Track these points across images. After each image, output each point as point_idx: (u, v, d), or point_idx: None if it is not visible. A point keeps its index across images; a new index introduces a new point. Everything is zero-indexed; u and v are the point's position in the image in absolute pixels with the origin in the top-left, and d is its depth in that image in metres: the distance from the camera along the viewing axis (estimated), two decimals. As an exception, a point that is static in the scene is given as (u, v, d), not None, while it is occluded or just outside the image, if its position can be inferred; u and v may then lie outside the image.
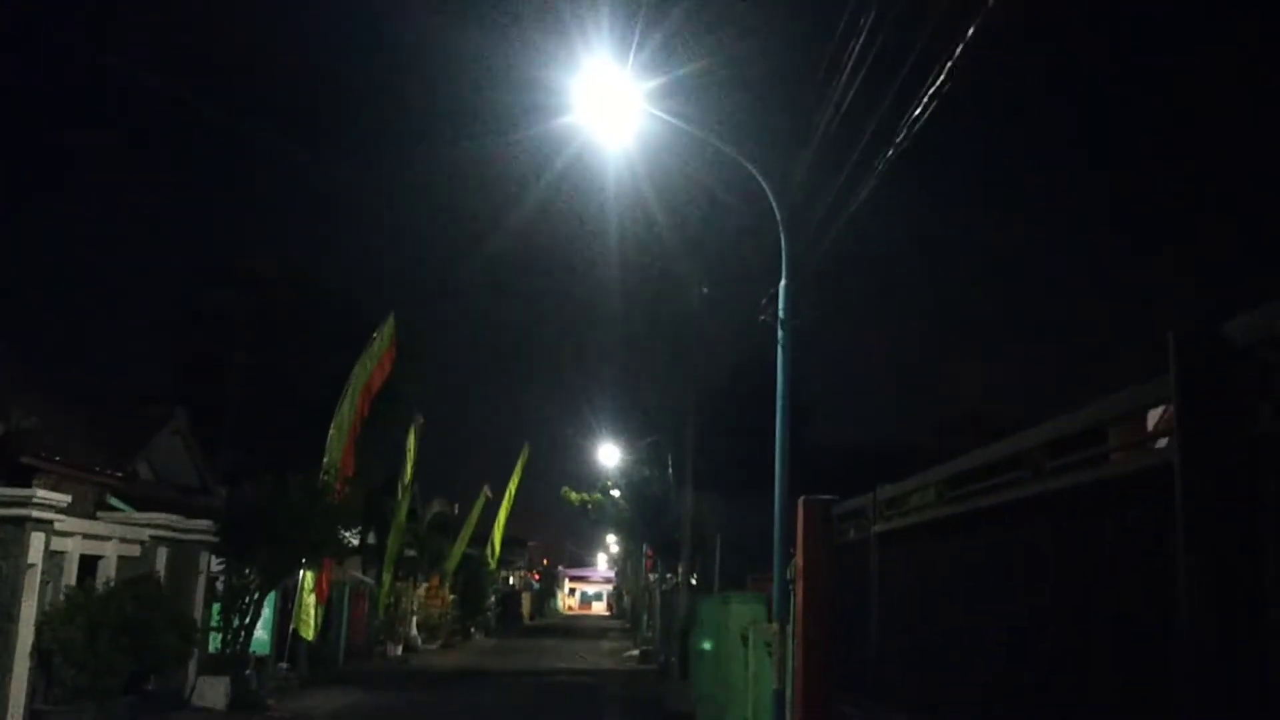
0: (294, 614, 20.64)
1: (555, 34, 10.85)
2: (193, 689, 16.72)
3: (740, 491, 25.55)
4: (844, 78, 8.12)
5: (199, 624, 16.69)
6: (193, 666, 16.72)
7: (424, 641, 32.52)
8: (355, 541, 25.12)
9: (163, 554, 16.43)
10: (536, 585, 73.41)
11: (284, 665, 20.54)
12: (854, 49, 7.54)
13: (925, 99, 6.95)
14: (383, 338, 22.14)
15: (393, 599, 29.08)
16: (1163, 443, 3.19)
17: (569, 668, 28.29)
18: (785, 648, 9.60)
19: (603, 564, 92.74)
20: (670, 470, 26.07)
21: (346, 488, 19.98)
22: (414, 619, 32.11)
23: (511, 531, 48.71)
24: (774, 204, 10.33)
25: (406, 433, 29.11)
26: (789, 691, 9.40)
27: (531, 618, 63.53)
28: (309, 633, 20.47)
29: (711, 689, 16.53)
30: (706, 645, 16.90)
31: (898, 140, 7.58)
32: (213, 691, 16.73)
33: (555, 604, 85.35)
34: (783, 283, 10.27)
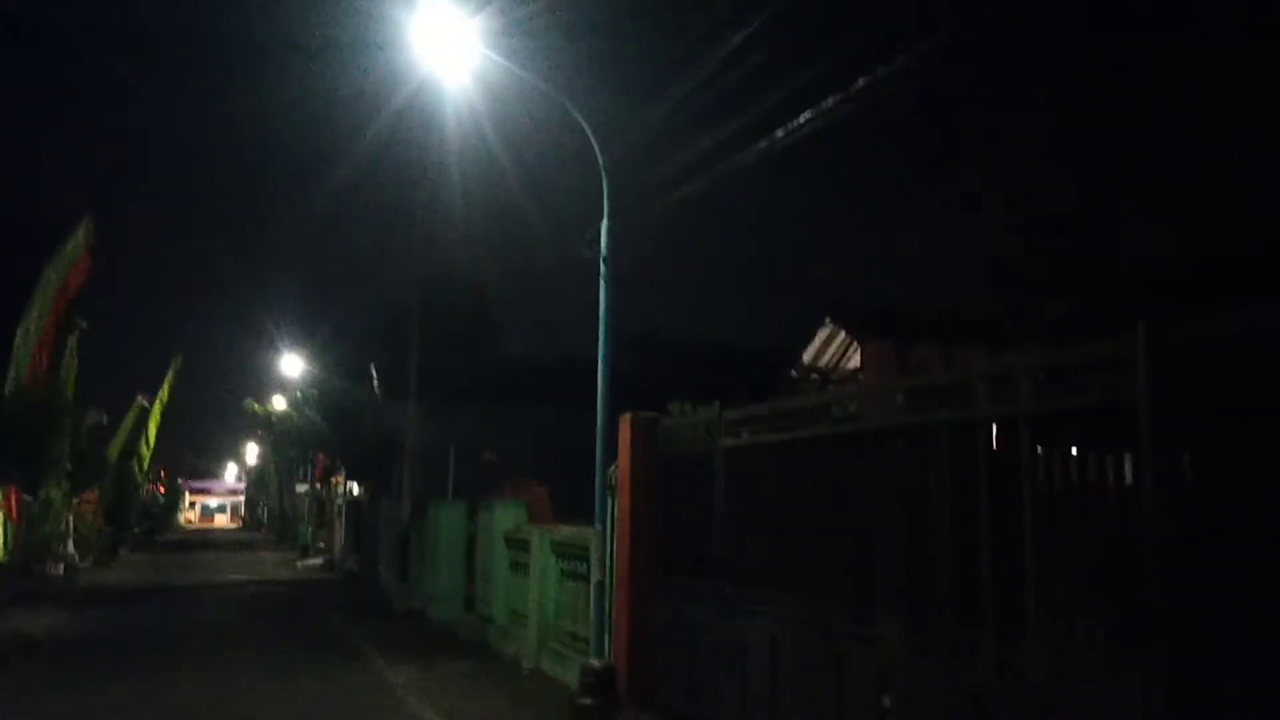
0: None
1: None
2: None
3: (440, 404, 26.44)
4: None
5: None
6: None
7: (79, 559, 30.60)
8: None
9: None
10: (162, 499, 69.54)
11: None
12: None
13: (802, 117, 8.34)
14: (78, 242, 20.63)
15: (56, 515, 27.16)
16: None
17: (255, 579, 27.97)
18: (604, 547, 10.98)
19: (230, 476, 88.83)
20: (374, 382, 26.31)
21: (46, 397, 18.71)
22: (71, 536, 30.10)
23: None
24: (597, 148, 11.46)
25: (68, 337, 27.05)
26: (610, 582, 10.82)
27: (159, 533, 60.52)
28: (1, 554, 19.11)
29: (451, 589, 17.69)
30: (446, 548, 17.93)
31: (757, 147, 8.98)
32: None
33: (177, 518, 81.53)
34: (605, 222, 11.46)
